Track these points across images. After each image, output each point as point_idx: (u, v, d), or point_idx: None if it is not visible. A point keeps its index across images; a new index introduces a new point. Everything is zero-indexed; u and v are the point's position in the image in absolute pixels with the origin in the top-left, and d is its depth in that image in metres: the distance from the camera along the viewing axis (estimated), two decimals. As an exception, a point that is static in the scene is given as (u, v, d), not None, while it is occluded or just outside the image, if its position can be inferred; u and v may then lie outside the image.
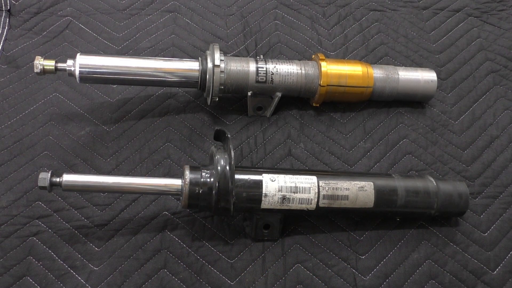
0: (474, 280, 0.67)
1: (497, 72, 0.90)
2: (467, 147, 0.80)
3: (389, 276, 0.67)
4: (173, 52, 0.87)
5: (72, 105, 0.80)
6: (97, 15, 0.91)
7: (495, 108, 0.85)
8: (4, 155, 0.74)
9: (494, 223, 0.72)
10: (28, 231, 0.67)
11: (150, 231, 0.68)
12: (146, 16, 0.92)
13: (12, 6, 0.91)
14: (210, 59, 0.74)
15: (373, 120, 0.82)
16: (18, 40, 0.87)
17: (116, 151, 0.76)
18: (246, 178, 0.64)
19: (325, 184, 0.64)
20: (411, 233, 0.71)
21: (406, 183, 0.68)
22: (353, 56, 0.89)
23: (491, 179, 0.77)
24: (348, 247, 0.69)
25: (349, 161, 0.77)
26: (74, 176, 0.62)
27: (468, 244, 0.70)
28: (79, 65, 0.71)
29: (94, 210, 0.70)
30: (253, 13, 0.93)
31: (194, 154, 0.76)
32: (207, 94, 0.76)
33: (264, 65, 0.76)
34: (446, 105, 0.85)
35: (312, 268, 0.67)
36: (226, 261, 0.66)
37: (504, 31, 0.96)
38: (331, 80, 0.77)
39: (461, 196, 0.69)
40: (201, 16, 0.93)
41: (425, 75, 0.82)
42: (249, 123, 0.80)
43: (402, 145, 0.79)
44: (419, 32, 0.94)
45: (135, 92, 0.82)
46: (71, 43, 0.87)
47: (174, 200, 0.71)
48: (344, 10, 0.95)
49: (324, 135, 0.79)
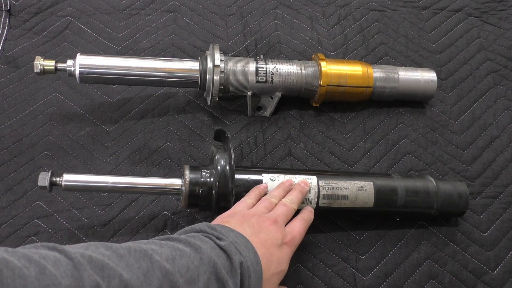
0: (474, 280, 0.67)
1: (497, 72, 0.90)
2: (467, 147, 0.80)
3: (389, 276, 0.67)
4: (173, 52, 0.87)
5: (72, 105, 0.80)
6: (97, 15, 0.91)
7: (495, 108, 0.85)
8: (4, 155, 0.74)
9: (494, 223, 0.72)
10: (28, 231, 0.67)
11: (150, 231, 0.68)
12: (146, 16, 0.92)
13: (12, 6, 0.91)
14: (210, 59, 0.74)
15: (373, 120, 0.82)
16: (18, 40, 0.87)
17: (116, 151, 0.76)
18: (246, 178, 0.64)
19: (325, 184, 0.65)
20: (411, 233, 0.71)
21: (406, 183, 0.68)
22: (353, 56, 0.89)
23: (491, 179, 0.77)
24: (348, 247, 0.69)
25: (349, 161, 0.77)
26: (74, 176, 0.62)
27: (468, 244, 0.70)
28: (79, 65, 0.71)
29: (94, 210, 0.70)
30: (253, 13, 0.93)
31: (194, 154, 0.76)
32: (207, 94, 0.76)
33: (264, 65, 0.76)
34: (446, 105, 0.85)
35: (312, 268, 0.67)
36: (226, 261, 0.66)
37: (504, 31, 0.96)
38: (331, 80, 0.77)
39: (461, 196, 0.69)
40: (201, 16, 0.93)
41: (425, 75, 0.82)
42: (249, 123, 0.80)
43: (402, 145, 0.79)
44: (419, 32, 0.94)
45: (135, 92, 0.82)
46: (71, 43, 0.87)
47: (174, 200, 0.71)
48: (344, 10, 0.95)
49: (324, 135, 0.79)
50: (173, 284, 0.41)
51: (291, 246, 0.55)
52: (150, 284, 0.40)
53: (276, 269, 0.52)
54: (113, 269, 0.38)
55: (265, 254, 0.51)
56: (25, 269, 0.34)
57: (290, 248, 0.55)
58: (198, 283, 0.43)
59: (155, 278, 0.40)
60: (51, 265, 0.35)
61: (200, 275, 0.43)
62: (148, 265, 0.41)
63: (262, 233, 0.53)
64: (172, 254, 0.44)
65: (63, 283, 0.35)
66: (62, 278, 0.35)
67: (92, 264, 0.38)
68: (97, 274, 0.37)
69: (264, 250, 0.51)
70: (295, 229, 0.57)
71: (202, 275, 0.44)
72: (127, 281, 0.38)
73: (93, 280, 0.37)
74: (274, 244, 0.53)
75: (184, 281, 0.42)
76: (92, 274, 0.37)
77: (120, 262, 0.40)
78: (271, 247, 0.52)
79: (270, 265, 0.51)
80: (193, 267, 0.43)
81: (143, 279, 0.40)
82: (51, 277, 0.35)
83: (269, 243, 0.53)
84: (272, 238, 0.53)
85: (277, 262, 0.52)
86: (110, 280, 0.38)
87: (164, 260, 0.42)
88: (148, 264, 0.41)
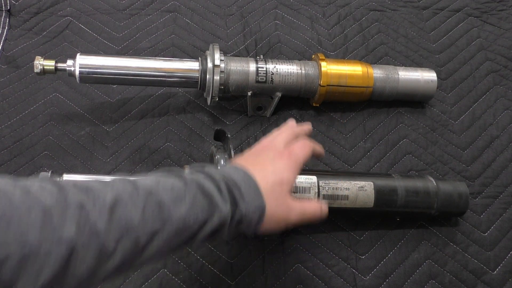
0: (474, 280, 0.67)
1: (497, 72, 0.90)
2: (467, 147, 0.80)
3: (389, 276, 0.67)
4: (173, 52, 0.87)
5: (72, 105, 0.80)
6: (97, 15, 0.91)
7: (495, 108, 0.85)
8: (4, 155, 0.74)
9: (494, 223, 0.72)
10: (28, 231, 0.67)
11: (150, 231, 0.68)
12: (146, 16, 0.92)
13: (12, 6, 0.91)
14: (210, 59, 0.74)
15: (373, 120, 0.82)
16: (18, 40, 0.87)
17: (116, 151, 0.76)
18: (246, 178, 0.64)
19: (325, 184, 0.65)
20: (411, 233, 0.71)
21: (406, 183, 0.68)
22: (353, 56, 0.89)
23: (491, 179, 0.77)
24: (348, 247, 0.69)
25: (349, 161, 0.77)
26: (74, 176, 0.62)
27: (468, 244, 0.70)
28: (79, 65, 0.71)
29: (94, 210, 0.69)
30: (253, 13, 0.93)
31: (194, 154, 0.76)
32: (207, 94, 0.76)
33: (264, 65, 0.76)
34: (446, 105, 0.85)
35: (312, 268, 0.67)
36: (226, 261, 0.66)
37: (504, 31, 0.96)
38: (331, 80, 0.77)
39: (461, 196, 0.69)
40: (201, 16, 0.93)
41: (425, 75, 0.82)
42: (249, 123, 0.80)
43: (402, 145, 0.79)
44: (419, 32, 0.94)
45: (135, 92, 0.82)
46: (71, 43, 0.87)
47: (174, 200, 0.71)
48: (344, 10, 0.95)
49: (324, 135, 0.79)
50: (159, 202, 0.41)
51: (289, 157, 0.53)
52: (135, 204, 0.40)
53: (275, 178, 0.50)
54: (98, 190, 0.39)
55: (257, 168, 0.50)
56: (9, 191, 0.35)
57: (289, 159, 0.53)
58: (184, 200, 0.43)
59: (140, 198, 0.41)
60: (36, 189, 0.36)
61: (186, 193, 0.43)
62: (132, 188, 0.41)
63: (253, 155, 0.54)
64: (155, 179, 0.44)
65: (47, 203, 0.35)
66: (45, 199, 0.36)
67: (77, 187, 0.38)
68: (82, 194, 0.38)
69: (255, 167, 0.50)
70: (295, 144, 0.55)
71: (188, 193, 0.44)
72: (111, 200, 0.39)
73: (78, 199, 0.37)
74: (266, 159, 0.52)
75: (170, 199, 0.42)
76: (77, 194, 0.38)
77: (104, 186, 0.40)
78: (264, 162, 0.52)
79: (267, 176, 0.50)
80: (177, 187, 0.43)
81: (128, 199, 0.40)
82: (35, 199, 0.35)
83: (261, 158, 0.53)
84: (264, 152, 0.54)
85: (273, 172, 0.50)
86: (95, 200, 0.38)
87: (148, 184, 0.43)
88: (132, 187, 0.41)
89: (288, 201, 0.51)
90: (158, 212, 0.41)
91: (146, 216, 0.40)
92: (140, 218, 0.40)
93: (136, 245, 0.39)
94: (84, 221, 0.36)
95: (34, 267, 0.34)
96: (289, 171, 0.52)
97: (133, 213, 0.39)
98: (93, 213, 0.37)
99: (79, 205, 0.37)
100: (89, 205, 0.37)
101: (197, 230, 0.44)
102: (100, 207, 0.38)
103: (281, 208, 0.50)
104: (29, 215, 0.34)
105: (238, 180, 0.47)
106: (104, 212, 0.38)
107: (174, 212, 0.42)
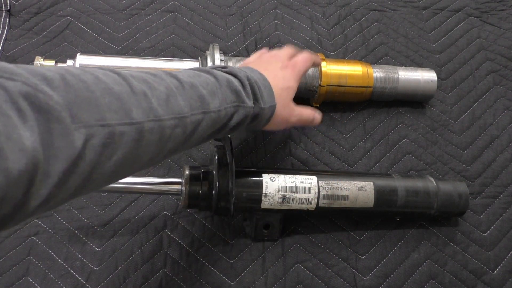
0: (474, 280, 0.67)
1: (497, 72, 0.90)
2: (467, 147, 0.80)
3: (389, 276, 0.67)
4: (173, 52, 0.87)
5: (72, 105, 0.80)
6: (97, 15, 0.91)
7: (495, 108, 0.85)
8: (4, 155, 0.74)
9: (494, 223, 0.73)
10: (28, 231, 0.67)
11: (150, 231, 0.68)
12: (146, 16, 0.92)
13: (12, 6, 0.91)
14: (210, 59, 0.74)
15: (373, 120, 0.82)
16: (18, 40, 0.87)
17: (116, 151, 0.75)
18: (246, 178, 0.64)
19: (325, 184, 0.65)
20: (411, 233, 0.71)
21: (406, 183, 0.68)
22: (353, 56, 0.89)
23: (491, 179, 0.77)
24: (348, 247, 0.69)
25: (349, 161, 0.77)
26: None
27: (468, 244, 0.70)
28: (79, 65, 0.71)
29: (94, 210, 0.70)
30: (253, 13, 0.93)
31: (194, 154, 0.76)
32: (207, 94, 0.76)
33: (264, 65, 0.76)
34: (446, 105, 0.85)
35: (312, 268, 0.67)
36: (226, 261, 0.67)
37: (504, 31, 0.96)
38: (331, 80, 0.77)
39: (461, 196, 0.69)
40: (201, 16, 0.93)
41: (425, 75, 0.82)
42: (249, 123, 0.80)
43: (402, 145, 0.79)
44: (419, 32, 0.94)
45: (135, 92, 0.82)
46: (71, 43, 0.87)
47: (174, 200, 0.71)
48: (344, 10, 0.95)
49: (324, 135, 0.79)
50: (200, 95, 0.46)
51: (293, 68, 0.61)
52: (182, 96, 0.44)
53: (283, 84, 0.59)
54: (153, 81, 0.43)
55: (269, 74, 0.57)
56: (82, 75, 0.37)
57: (293, 70, 0.61)
58: (218, 95, 0.49)
59: (185, 91, 0.45)
60: (102, 75, 0.39)
61: (218, 88, 0.49)
62: (177, 82, 0.45)
63: (263, 62, 0.61)
64: (193, 74, 0.49)
65: (116, 88, 0.38)
66: (113, 85, 0.39)
67: (135, 77, 0.42)
68: (142, 84, 0.41)
69: (267, 72, 0.57)
70: (298, 57, 0.64)
71: (219, 89, 0.49)
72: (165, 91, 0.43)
73: (141, 88, 0.41)
74: (275, 67, 0.60)
75: (207, 93, 0.47)
76: (139, 84, 0.41)
77: (155, 78, 0.44)
78: (274, 69, 0.59)
79: (278, 81, 0.58)
80: (211, 82, 0.49)
81: (177, 92, 0.44)
82: (105, 83, 0.38)
83: (271, 66, 0.60)
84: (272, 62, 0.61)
85: (283, 79, 0.59)
86: (152, 90, 0.42)
87: (188, 79, 0.47)
88: (177, 81, 0.45)
89: (291, 105, 0.61)
90: (200, 104, 0.46)
91: (192, 108, 0.45)
92: (188, 110, 0.44)
93: (184, 133, 0.44)
94: (149, 108, 0.40)
95: (110, 146, 0.36)
96: (294, 80, 0.61)
97: (182, 105, 0.44)
98: (155, 101, 0.41)
99: (143, 93, 0.40)
100: (149, 94, 0.41)
101: (227, 121, 0.50)
102: (158, 97, 0.42)
103: (285, 110, 0.59)
104: (103, 98, 0.37)
105: (257, 80, 0.54)
106: (162, 101, 0.42)
107: (212, 105, 0.47)
